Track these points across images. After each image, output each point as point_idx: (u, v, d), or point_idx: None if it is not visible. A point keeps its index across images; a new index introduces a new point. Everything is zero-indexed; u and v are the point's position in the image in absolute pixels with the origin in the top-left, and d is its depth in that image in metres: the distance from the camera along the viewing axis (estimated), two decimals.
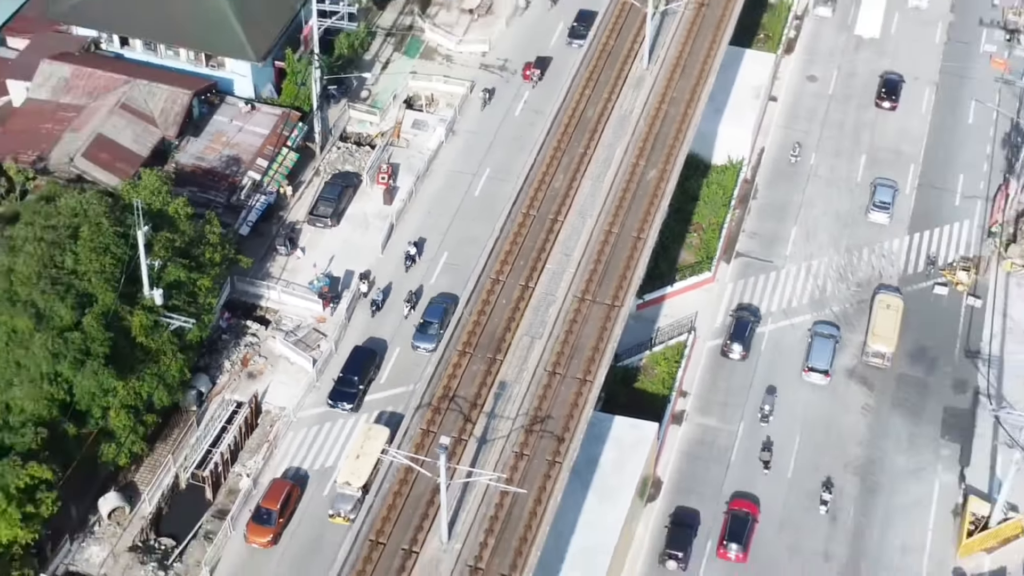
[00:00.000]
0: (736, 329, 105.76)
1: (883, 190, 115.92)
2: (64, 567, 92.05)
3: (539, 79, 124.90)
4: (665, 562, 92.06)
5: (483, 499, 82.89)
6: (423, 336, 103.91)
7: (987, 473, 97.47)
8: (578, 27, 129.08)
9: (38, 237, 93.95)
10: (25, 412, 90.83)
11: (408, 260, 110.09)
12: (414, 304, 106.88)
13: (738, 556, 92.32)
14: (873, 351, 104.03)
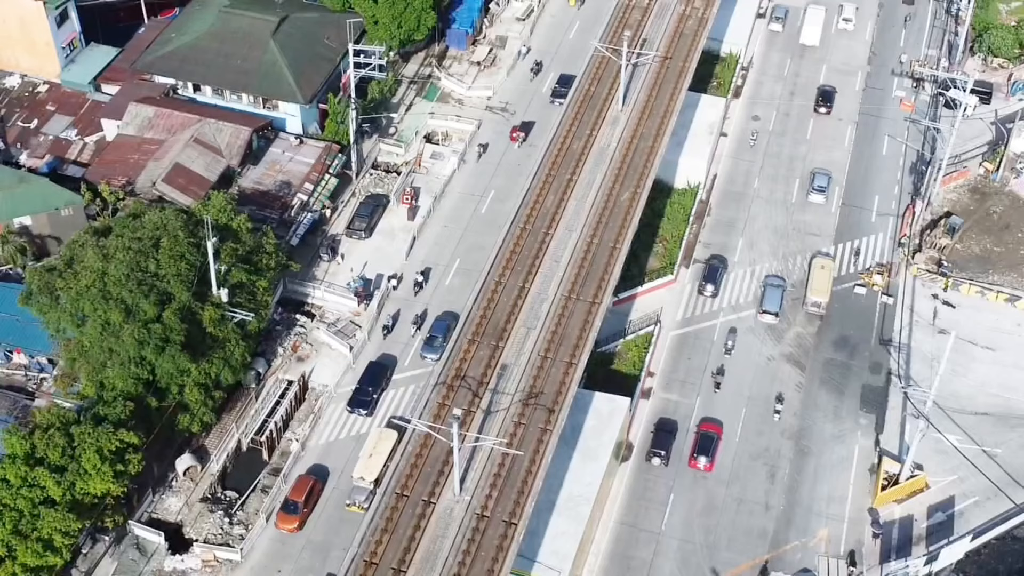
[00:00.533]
0: (709, 272, 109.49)
1: (820, 177, 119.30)
2: (148, 515, 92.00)
3: (524, 140, 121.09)
4: (651, 458, 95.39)
5: (488, 459, 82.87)
6: (430, 348, 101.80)
7: (897, 439, 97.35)
8: (559, 88, 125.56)
9: (127, 246, 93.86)
10: (116, 389, 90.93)
11: (416, 286, 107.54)
12: (420, 325, 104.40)
13: (706, 466, 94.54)
14: (812, 301, 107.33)
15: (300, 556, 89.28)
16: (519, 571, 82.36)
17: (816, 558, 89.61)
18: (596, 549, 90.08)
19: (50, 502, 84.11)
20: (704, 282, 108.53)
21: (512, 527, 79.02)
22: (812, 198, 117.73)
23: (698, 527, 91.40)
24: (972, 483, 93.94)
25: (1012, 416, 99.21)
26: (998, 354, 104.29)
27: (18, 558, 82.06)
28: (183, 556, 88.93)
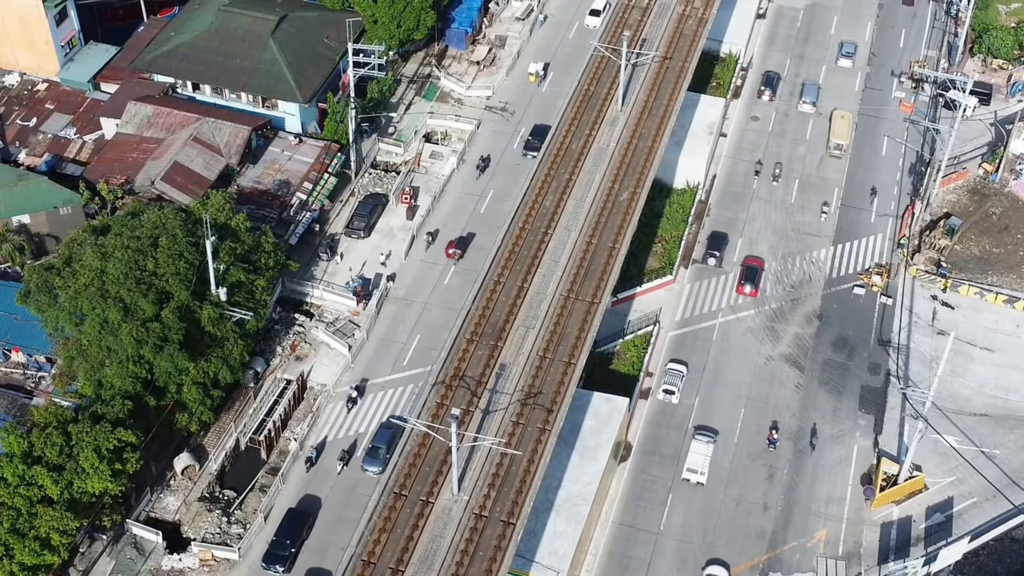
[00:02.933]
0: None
1: (848, 45, 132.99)
2: (145, 513, 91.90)
3: (460, 257, 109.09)
4: (707, 259, 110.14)
5: (487, 459, 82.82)
6: (372, 460, 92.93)
7: (896, 440, 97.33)
8: (532, 140, 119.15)
9: (125, 245, 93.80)
10: (115, 387, 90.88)
11: (350, 402, 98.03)
12: (347, 461, 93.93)
13: (752, 292, 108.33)
14: (834, 144, 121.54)
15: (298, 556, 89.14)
16: (517, 571, 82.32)
17: (814, 559, 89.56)
18: (594, 549, 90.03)
19: (48, 501, 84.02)
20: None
21: (510, 527, 78.96)
22: (841, 63, 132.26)
23: (696, 527, 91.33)
24: (971, 484, 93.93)
25: (1011, 417, 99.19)
26: (997, 355, 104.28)
27: (16, 556, 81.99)
28: (181, 555, 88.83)
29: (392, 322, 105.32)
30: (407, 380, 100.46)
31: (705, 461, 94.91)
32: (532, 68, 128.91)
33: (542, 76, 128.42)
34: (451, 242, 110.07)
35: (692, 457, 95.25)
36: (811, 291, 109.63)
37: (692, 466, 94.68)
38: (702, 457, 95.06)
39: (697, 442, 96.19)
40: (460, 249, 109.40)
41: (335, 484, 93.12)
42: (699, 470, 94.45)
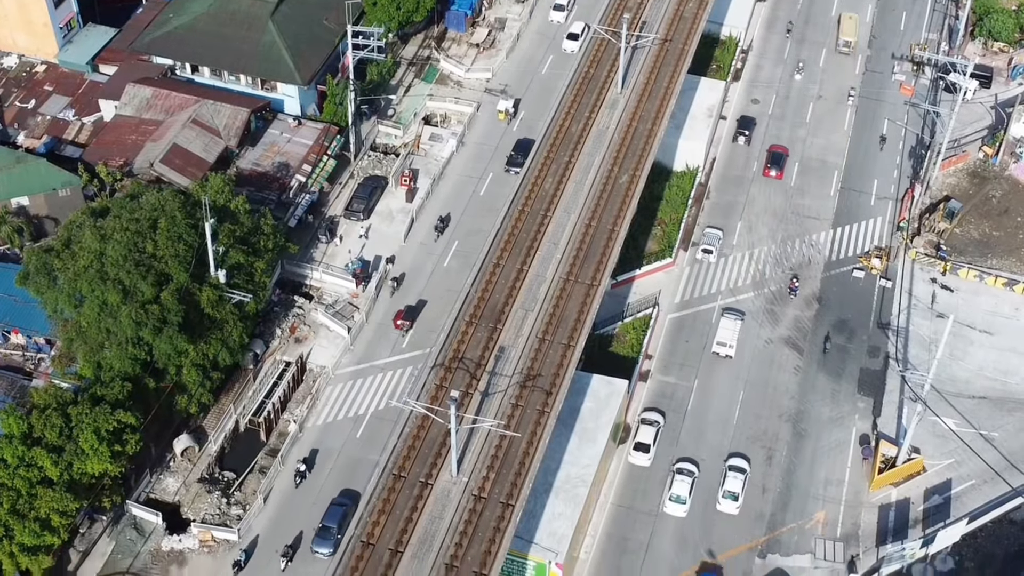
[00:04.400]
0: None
1: None
2: (145, 495, 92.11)
3: (409, 329, 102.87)
4: (737, 139, 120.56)
5: (485, 441, 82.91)
6: (322, 541, 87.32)
7: (895, 422, 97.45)
8: (515, 156, 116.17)
9: (124, 227, 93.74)
10: (114, 369, 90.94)
11: (298, 476, 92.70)
12: (291, 556, 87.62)
13: (777, 175, 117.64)
14: (843, 41, 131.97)
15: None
16: (516, 552, 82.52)
17: (813, 540, 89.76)
18: (593, 531, 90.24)
19: (47, 482, 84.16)
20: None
21: (509, 508, 79.08)
22: None
23: (696, 508, 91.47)
24: (969, 466, 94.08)
25: (1009, 400, 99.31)
26: (996, 338, 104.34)
27: (15, 537, 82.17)
28: (181, 536, 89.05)
29: (392, 305, 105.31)
30: (406, 362, 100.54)
31: (734, 336, 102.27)
32: (501, 106, 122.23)
33: (512, 114, 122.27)
34: (399, 312, 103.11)
35: (721, 332, 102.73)
36: (810, 274, 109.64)
37: (721, 339, 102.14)
38: (731, 332, 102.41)
39: (726, 319, 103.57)
40: (408, 320, 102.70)
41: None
42: (728, 343, 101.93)
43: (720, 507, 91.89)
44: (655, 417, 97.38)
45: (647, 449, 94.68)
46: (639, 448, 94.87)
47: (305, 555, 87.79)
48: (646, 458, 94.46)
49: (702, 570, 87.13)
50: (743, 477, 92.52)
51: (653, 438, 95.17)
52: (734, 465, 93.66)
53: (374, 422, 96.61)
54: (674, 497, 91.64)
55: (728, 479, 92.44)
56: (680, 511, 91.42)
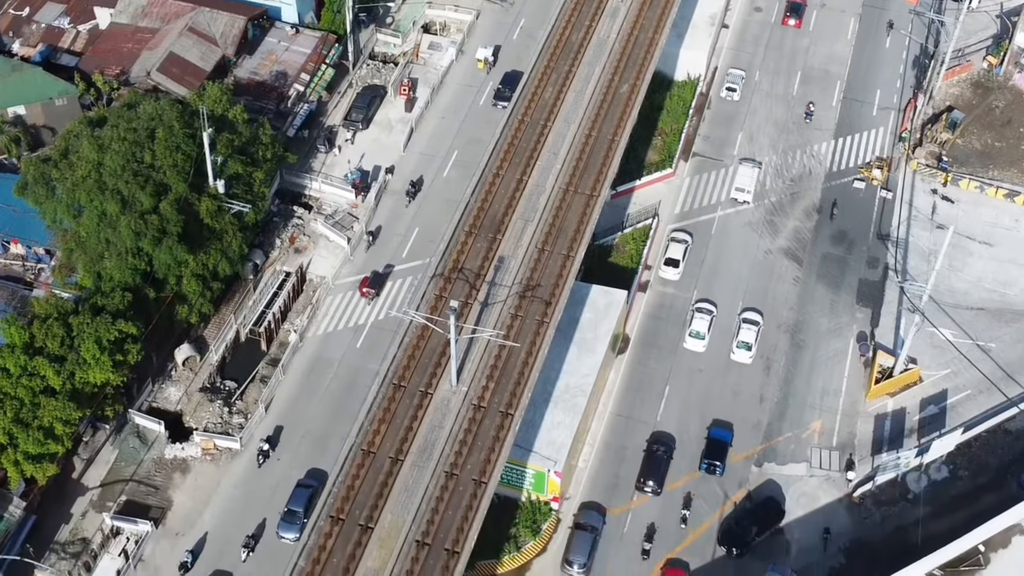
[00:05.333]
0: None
1: None
2: (147, 404, 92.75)
3: (375, 296, 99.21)
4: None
5: (485, 351, 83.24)
6: (288, 526, 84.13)
7: (892, 333, 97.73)
8: (503, 90, 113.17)
9: (122, 137, 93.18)
10: (114, 280, 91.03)
11: (260, 455, 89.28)
12: (252, 547, 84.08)
13: (796, 23, 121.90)
14: None
15: (300, 445, 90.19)
16: (515, 461, 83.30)
17: (809, 449, 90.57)
18: (592, 440, 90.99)
19: (50, 391, 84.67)
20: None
21: (509, 418, 79.66)
22: None
23: (693, 418, 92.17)
24: (965, 377, 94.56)
25: (1007, 311, 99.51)
26: (995, 249, 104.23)
27: (20, 446, 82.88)
28: (183, 444, 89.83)
29: (391, 215, 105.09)
30: (406, 272, 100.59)
31: (752, 182, 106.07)
32: (480, 55, 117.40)
33: (492, 63, 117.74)
34: (365, 279, 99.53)
35: (740, 178, 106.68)
36: (811, 185, 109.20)
37: (740, 185, 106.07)
38: (749, 179, 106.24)
39: (744, 166, 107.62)
40: (374, 288, 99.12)
41: None
42: (746, 188, 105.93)
43: (734, 356, 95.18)
44: (684, 236, 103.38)
45: (676, 264, 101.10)
46: (669, 263, 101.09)
47: (270, 541, 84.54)
48: (675, 272, 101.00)
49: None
50: (756, 328, 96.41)
51: (683, 254, 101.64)
52: (748, 318, 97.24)
53: (374, 332, 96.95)
54: (694, 333, 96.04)
55: (742, 330, 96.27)
56: (699, 346, 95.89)
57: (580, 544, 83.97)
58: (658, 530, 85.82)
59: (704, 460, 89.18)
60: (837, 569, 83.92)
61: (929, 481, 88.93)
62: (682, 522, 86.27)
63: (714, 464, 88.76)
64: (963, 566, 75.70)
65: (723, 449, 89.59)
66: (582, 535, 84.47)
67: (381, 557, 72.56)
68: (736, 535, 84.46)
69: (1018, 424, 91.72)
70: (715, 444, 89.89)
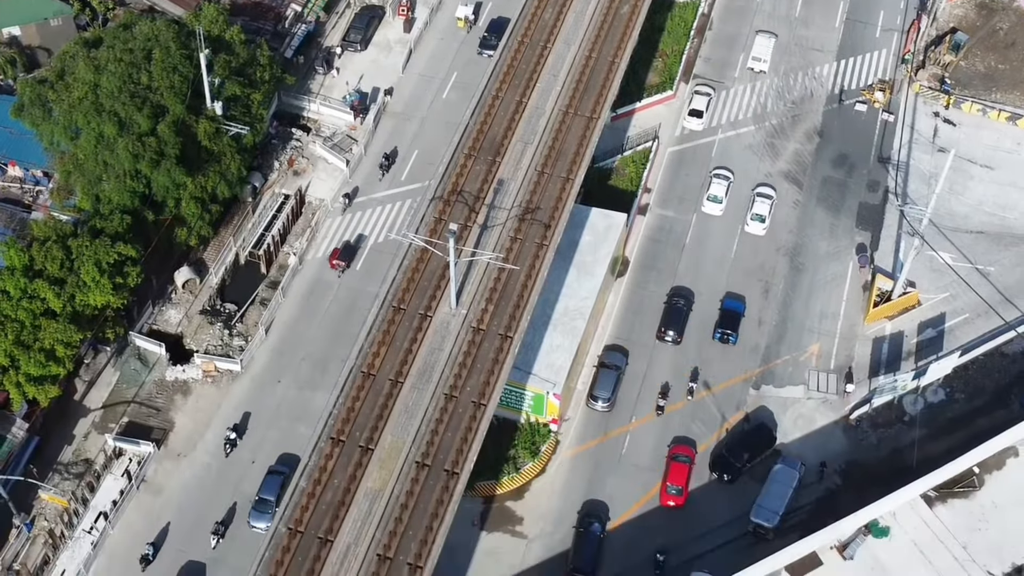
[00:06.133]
0: None
1: None
2: (148, 326, 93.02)
3: (344, 269, 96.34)
4: None
5: (484, 274, 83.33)
6: (260, 515, 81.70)
7: (892, 256, 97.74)
8: (488, 38, 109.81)
9: (118, 58, 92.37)
10: (112, 202, 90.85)
11: (228, 444, 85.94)
12: (222, 533, 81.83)
13: None
14: None
15: (300, 367, 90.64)
16: (515, 383, 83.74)
17: (807, 372, 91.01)
18: (591, 362, 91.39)
19: (51, 314, 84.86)
20: None
21: (508, 340, 79.95)
22: None
23: (691, 341, 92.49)
24: (963, 301, 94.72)
25: (1007, 235, 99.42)
26: (996, 173, 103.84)
27: (21, 368, 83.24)
28: (184, 367, 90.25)
29: (390, 137, 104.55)
30: (405, 195, 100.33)
31: (768, 52, 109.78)
32: (460, 12, 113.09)
33: (472, 22, 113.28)
34: (335, 251, 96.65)
35: (757, 48, 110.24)
36: (812, 107, 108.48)
37: (757, 55, 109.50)
38: (766, 48, 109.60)
39: (761, 36, 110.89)
40: (344, 261, 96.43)
41: None
42: (763, 58, 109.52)
43: (748, 228, 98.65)
44: (707, 89, 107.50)
45: (700, 115, 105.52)
46: (693, 114, 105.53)
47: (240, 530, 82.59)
48: (699, 123, 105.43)
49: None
50: (770, 202, 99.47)
51: (706, 106, 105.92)
52: (762, 192, 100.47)
53: (373, 255, 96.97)
54: (712, 197, 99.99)
55: (756, 203, 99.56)
56: (717, 210, 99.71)
57: (604, 381, 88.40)
58: None
59: (718, 329, 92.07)
60: (832, 491, 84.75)
61: (925, 404, 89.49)
62: (688, 394, 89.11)
63: (727, 333, 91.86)
64: (957, 487, 76.43)
65: (736, 319, 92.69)
66: (607, 373, 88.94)
67: (381, 478, 73.28)
68: (727, 462, 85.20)
69: (1015, 347, 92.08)
70: (728, 314, 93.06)
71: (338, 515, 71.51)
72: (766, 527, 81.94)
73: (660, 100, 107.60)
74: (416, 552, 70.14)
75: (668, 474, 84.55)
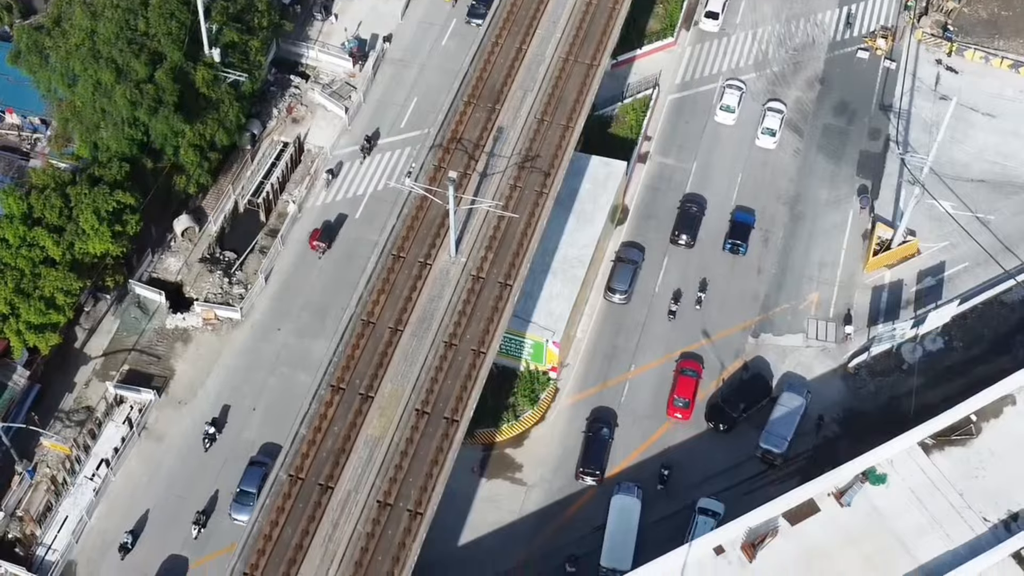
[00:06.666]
0: None
1: None
2: (148, 274, 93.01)
3: (326, 250, 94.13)
4: None
5: (484, 222, 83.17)
6: (241, 507, 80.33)
7: (892, 205, 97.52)
8: (477, 6, 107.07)
9: (115, 4, 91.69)
10: (111, 150, 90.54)
11: (207, 439, 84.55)
12: (204, 523, 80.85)
13: None
14: None
15: (300, 315, 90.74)
16: (514, 331, 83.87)
17: (806, 321, 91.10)
18: (590, 311, 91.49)
19: (50, 262, 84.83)
20: None
21: (507, 288, 79.95)
22: None
23: (691, 289, 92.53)
24: (963, 249, 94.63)
25: (1008, 183, 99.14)
26: (998, 121, 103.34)
27: (21, 316, 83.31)
28: (184, 314, 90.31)
29: (389, 84, 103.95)
30: (404, 143, 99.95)
31: None
32: None
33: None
34: (315, 231, 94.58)
35: None
36: (814, 54, 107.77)
37: None
38: None
39: None
40: (324, 242, 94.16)
41: None
42: None
43: (759, 143, 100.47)
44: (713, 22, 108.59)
45: (716, 16, 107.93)
46: (709, 16, 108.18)
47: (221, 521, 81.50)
48: (714, 24, 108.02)
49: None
50: (780, 116, 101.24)
51: (722, 7, 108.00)
52: (772, 107, 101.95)
53: (373, 203, 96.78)
54: (724, 107, 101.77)
55: (767, 117, 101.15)
56: (730, 120, 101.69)
57: (622, 274, 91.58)
58: None
59: (728, 240, 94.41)
60: (830, 438, 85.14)
61: (924, 352, 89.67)
62: (696, 303, 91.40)
63: (737, 244, 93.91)
64: (954, 435, 76.74)
65: (746, 230, 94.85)
66: (624, 266, 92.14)
67: (381, 425, 73.58)
68: (722, 412, 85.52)
69: (1014, 296, 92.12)
70: (739, 226, 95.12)
71: (338, 462, 71.88)
72: (775, 452, 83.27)
73: (660, 47, 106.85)
74: (416, 499, 70.58)
75: (675, 387, 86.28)
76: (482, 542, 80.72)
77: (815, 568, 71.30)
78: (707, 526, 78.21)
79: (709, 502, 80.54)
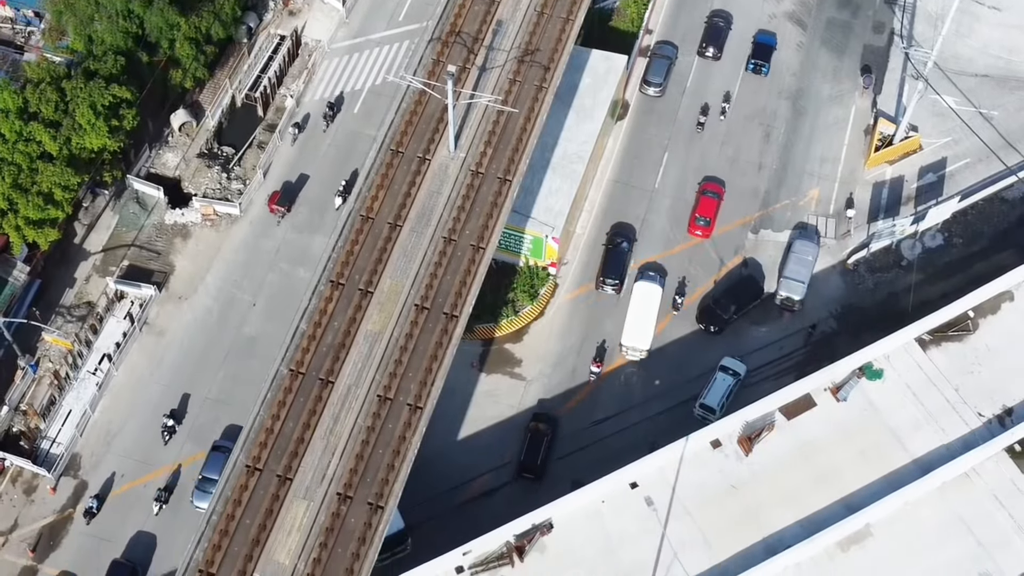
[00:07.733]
0: None
1: None
2: (145, 169, 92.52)
3: (284, 214, 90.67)
4: None
5: (483, 117, 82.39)
6: (204, 495, 77.73)
7: (895, 100, 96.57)
8: None
9: None
10: (105, 43, 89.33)
11: (166, 432, 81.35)
12: (166, 500, 78.91)
13: None
14: None
15: (298, 211, 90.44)
16: (513, 227, 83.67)
17: (806, 217, 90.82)
18: (590, 206, 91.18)
19: (47, 157, 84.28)
20: None
21: (507, 184, 79.50)
22: None
23: (691, 186, 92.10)
24: (965, 145, 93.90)
25: (1012, 78, 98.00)
26: (1004, 15, 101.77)
27: (20, 211, 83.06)
28: (183, 210, 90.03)
29: None
30: (403, 36, 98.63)
31: None
32: None
33: None
34: (275, 194, 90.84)
35: None
36: None
37: None
38: None
39: None
40: (284, 205, 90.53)
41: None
42: None
43: None
44: None
45: None
46: None
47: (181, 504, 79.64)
48: None
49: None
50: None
51: None
52: None
53: (371, 97, 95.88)
54: None
55: None
56: None
57: (657, 67, 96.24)
58: None
59: (751, 60, 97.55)
60: (828, 334, 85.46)
61: (923, 248, 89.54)
62: (720, 114, 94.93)
63: (760, 64, 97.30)
64: (952, 331, 77.02)
65: (768, 51, 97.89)
66: (659, 60, 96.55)
67: (381, 320, 73.72)
68: (714, 313, 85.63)
69: (1015, 193, 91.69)
70: (761, 47, 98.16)
71: (338, 357, 72.19)
72: (795, 299, 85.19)
73: None
74: (416, 393, 71.04)
75: (697, 207, 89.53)
76: (481, 436, 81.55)
77: (811, 462, 72.11)
78: (724, 384, 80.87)
79: (732, 361, 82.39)
